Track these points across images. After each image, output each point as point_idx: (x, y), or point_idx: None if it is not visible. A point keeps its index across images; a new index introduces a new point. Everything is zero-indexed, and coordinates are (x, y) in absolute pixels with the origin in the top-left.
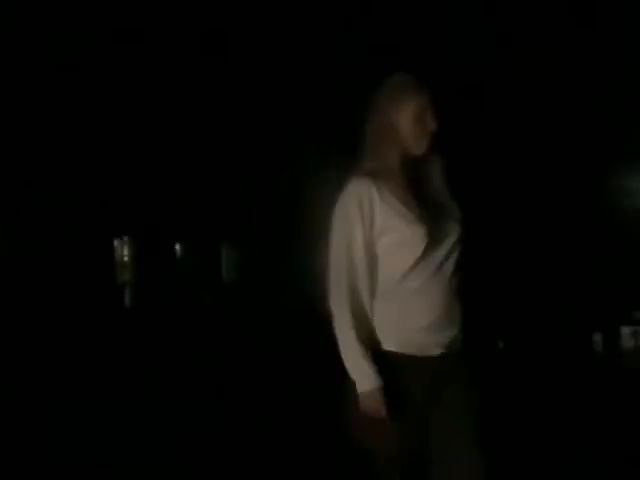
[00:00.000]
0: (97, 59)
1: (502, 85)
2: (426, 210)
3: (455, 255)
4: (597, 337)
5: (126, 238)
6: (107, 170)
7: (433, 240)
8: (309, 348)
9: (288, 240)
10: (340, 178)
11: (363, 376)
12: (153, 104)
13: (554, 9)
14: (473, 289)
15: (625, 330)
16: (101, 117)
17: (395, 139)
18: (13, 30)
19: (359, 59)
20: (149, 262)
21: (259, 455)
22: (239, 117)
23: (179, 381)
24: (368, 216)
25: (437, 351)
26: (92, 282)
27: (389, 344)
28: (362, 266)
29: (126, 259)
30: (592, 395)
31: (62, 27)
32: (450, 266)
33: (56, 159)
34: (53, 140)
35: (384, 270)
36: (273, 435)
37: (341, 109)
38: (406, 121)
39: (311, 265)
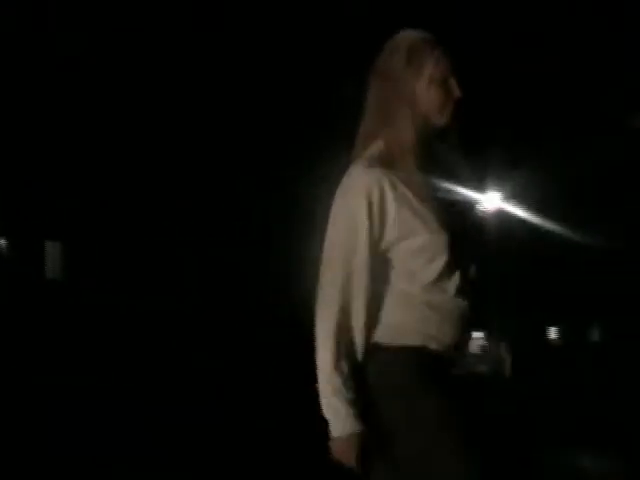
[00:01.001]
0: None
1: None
2: (446, 209)
3: (476, 260)
4: None
5: None
6: None
7: (456, 247)
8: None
9: (115, 239)
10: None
11: (337, 417)
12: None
13: None
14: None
15: None
16: None
17: (412, 109)
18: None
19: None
20: None
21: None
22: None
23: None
24: (378, 217)
25: (451, 367)
26: None
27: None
28: (362, 281)
29: None
30: None
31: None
32: (472, 275)
33: None
34: None
35: (400, 279)
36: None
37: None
38: (429, 87)
39: (137, 265)
